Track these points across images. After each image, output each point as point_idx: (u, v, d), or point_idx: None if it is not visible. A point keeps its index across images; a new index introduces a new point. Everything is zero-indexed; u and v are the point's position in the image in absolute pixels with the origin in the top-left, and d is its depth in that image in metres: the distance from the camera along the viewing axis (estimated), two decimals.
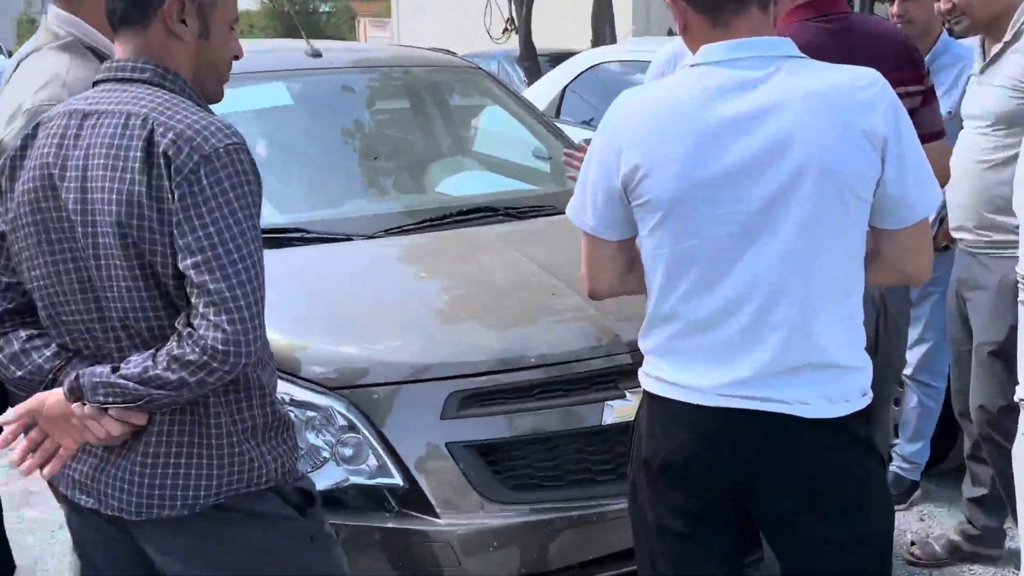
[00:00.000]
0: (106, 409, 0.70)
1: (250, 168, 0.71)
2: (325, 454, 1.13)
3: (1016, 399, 1.08)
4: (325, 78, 1.99)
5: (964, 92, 1.56)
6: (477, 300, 1.37)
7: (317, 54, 1.95)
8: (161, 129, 0.68)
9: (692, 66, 0.82)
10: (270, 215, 1.49)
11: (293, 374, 1.12)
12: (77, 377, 0.70)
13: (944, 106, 1.48)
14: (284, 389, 1.10)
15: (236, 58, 0.83)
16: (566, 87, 3.40)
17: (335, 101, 2.00)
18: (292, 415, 1.05)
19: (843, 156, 0.77)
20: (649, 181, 0.80)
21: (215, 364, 0.66)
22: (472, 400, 1.14)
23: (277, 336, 1.06)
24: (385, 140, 2.06)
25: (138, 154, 0.68)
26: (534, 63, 6.18)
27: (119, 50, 0.77)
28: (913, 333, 1.75)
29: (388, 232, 1.55)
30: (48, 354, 0.75)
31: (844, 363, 0.82)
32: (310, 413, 1.13)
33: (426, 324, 1.28)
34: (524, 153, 2.07)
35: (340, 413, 1.13)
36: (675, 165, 0.79)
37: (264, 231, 0.84)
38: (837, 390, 0.81)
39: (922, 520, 1.90)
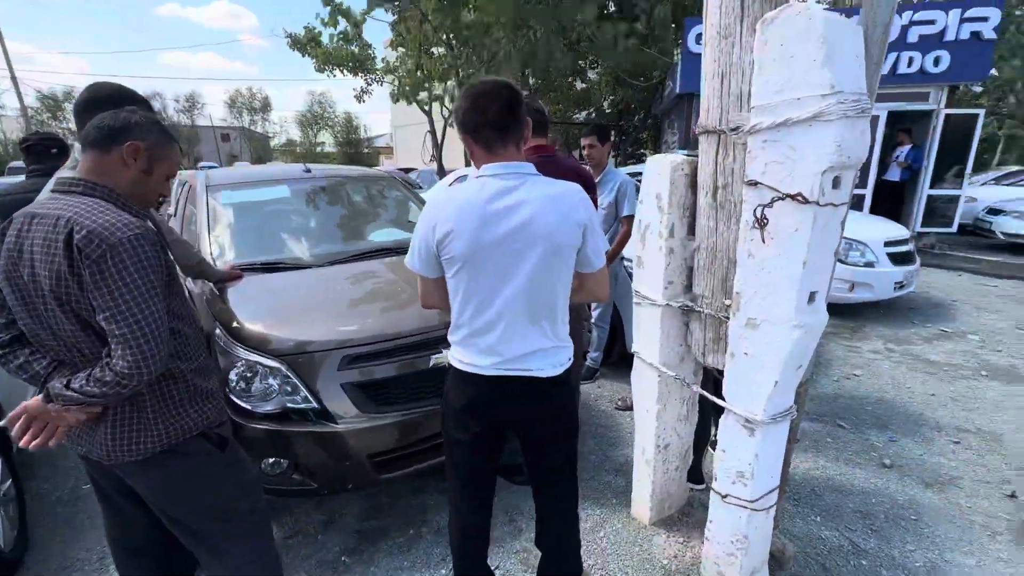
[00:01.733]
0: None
1: (148, 247, 0.95)
2: (274, 392, 1.89)
3: (630, 350, 1.88)
4: (310, 182, 3.27)
5: (618, 194, 3.08)
6: (366, 300, 2.19)
7: (308, 171, 3.30)
8: (77, 227, 0.92)
9: (477, 177, 1.21)
10: (268, 254, 2.59)
11: (259, 348, 1.95)
12: (46, 387, 0.98)
13: (606, 200, 3.08)
14: (254, 357, 1.90)
15: (163, 197, 1.11)
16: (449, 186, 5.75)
17: (314, 194, 3.22)
18: (259, 368, 1.86)
19: (563, 234, 1.18)
20: (452, 244, 1.17)
21: (123, 382, 0.93)
22: (356, 359, 1.94)
23: (259, 327, 1.92)
24: (338, 213, 3.15)
25: (61, 245, 0.92)
26: (443, 175, 8.90)
27: (81, 165, 1.03)
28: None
29: (333, 263, 2.57)
30: (44, 363, 1.02)
31: (559, 344, 1.28)
32: (269, 368, 1.89)
33: (334, 316, 2.07)
34: (413, 220, 3.26)
35: (283, 369, 1.87)
36: (467, 235, 1.15)
37: (265, 264, 2.13)
38: (557, 360, 1.27)
39: (601, 388, 3.58)
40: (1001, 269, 6.90)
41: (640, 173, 6.73)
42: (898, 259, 4.93)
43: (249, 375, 1.92)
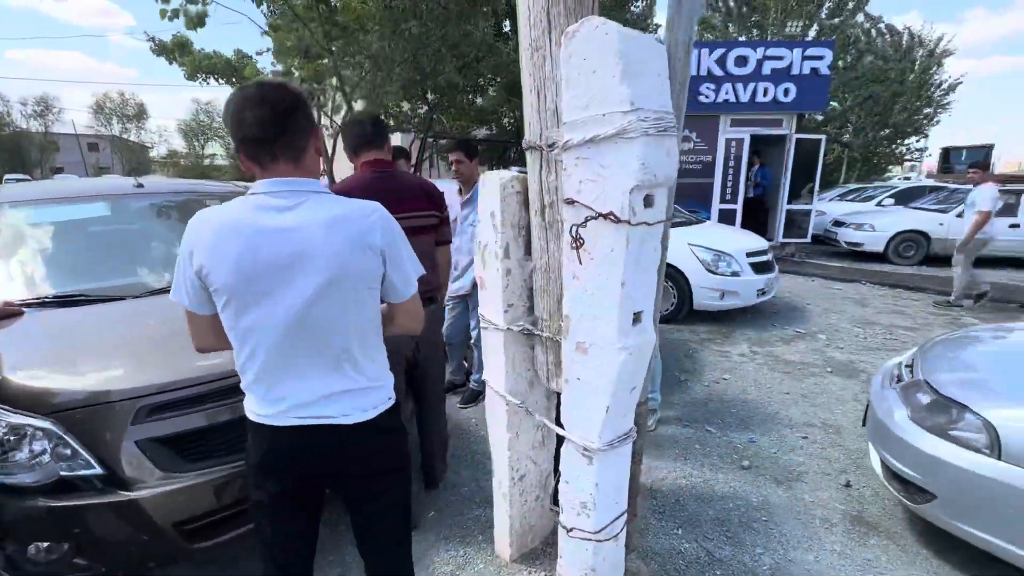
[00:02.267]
0: None
1: None
2: (44, 459, 1.55)
3: (475, 381, 1.75)
4: (140, 199, 2.83)
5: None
6: (172, 338, 1.77)
7: (140, 185, 2.87)
8: None
9: (249, 194, 1.05)
10: (65, 285, 2.16)
11: (24, 406, 1.53)
12: None
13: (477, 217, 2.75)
14: (17, 419, 1.52)
15: None
16: None
17: (142, 213, 2.77)
18: (25, 431, 1.50)
19: (351, 261, 1.02)
20: (214, 274, 1.00)
21: None
22: (156, 409, 1.59)
23: (25, 378, 1.54)
24: (165, 235, 2.74)
25: None
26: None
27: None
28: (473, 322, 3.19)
29: (148, 294, 2.19)
30: None
31: (370, 386, 1.11)
32: (36, 429, 1.55)
33: (129, 360, 1.72)
34: None
35: (56, 430, 1.55)
36: (230, 263, 0.99)
37: (60, 297, 1.79)
38: (366, 403, 1.10)
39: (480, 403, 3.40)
40: (844, 274, 7.87)
41: None
42: (759, 268, 5.39)
43: (10, 440, 1.55)
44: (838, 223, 9.74)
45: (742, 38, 15.04)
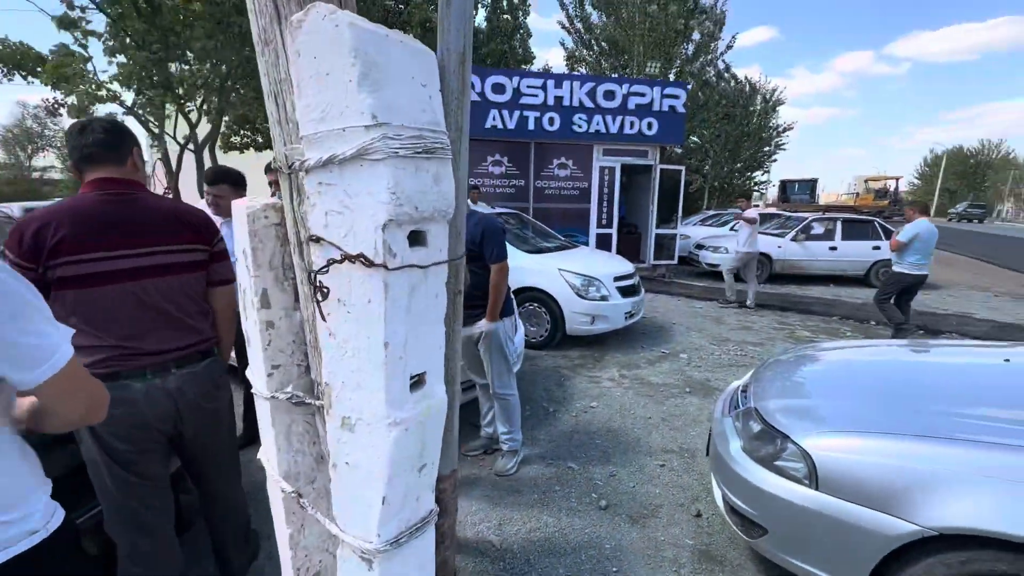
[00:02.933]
0: None
1: None
2: None
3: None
4: None
5: None
6: None
7: None
8: None
9: None
10: None
11: None
12: None
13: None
14: None
15: None
16: None
17: None
18: None
19: None
20: None
21: None
22: None
23: None
24: None
25: None
26: None
27: None
28: None
29: None
30: None
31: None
32: None
33: None
34: None
35: None
36: None
37: None
38: None
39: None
40: (705, 293, 8.52)
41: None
42: (626, 292, 5.53)
43: None
44: (699, 246, 10.64)
45: (615, 75, 16.23)
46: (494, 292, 2.73)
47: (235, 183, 2.67)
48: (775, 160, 22.12)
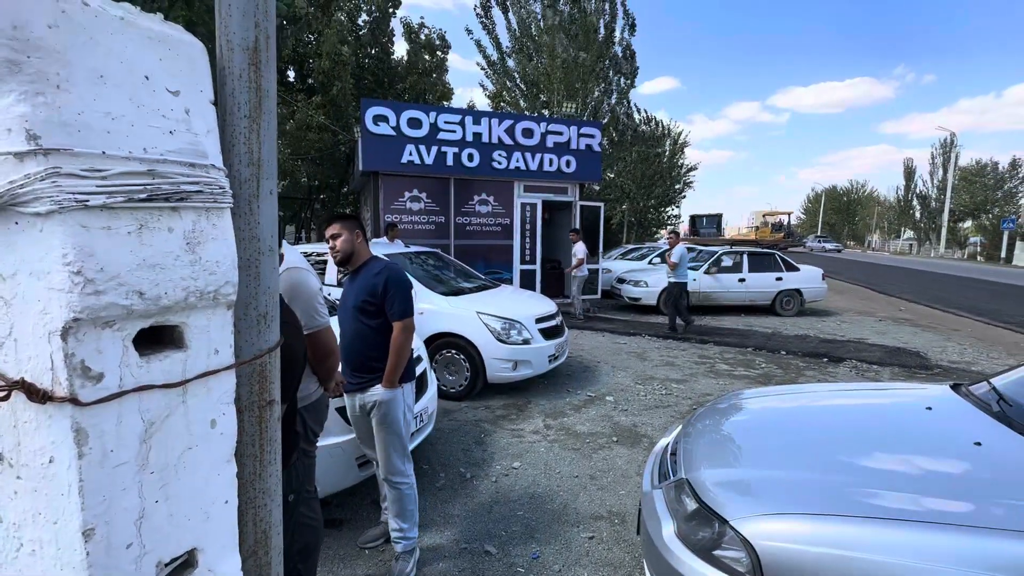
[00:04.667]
0: None
1: None
2: None
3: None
4: None
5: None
6: None
7: None
8: None
9: None
10: None
11: None
12: None
13: None
14: None
15: None
16: None
17: None
18: None
19: None
20: None
21: None
22: None
23: None
24: None
25: None
26: None
27: None
28: None
29: None
30: None
31: None
32: None
33: None
34: None
35: None
36: None
37: None
38: None
39: None
40: (628, 327, 8.52)
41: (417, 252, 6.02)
42: (549, 333, 5.27)
43: None
44: (621, 280, 10.80)
45: (535, 113, 16.66)
46: (395, 354, 2.33)
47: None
48: (684, 196, 23.67)
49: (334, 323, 2.30)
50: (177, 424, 0.68)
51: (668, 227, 26.85)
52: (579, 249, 8.87)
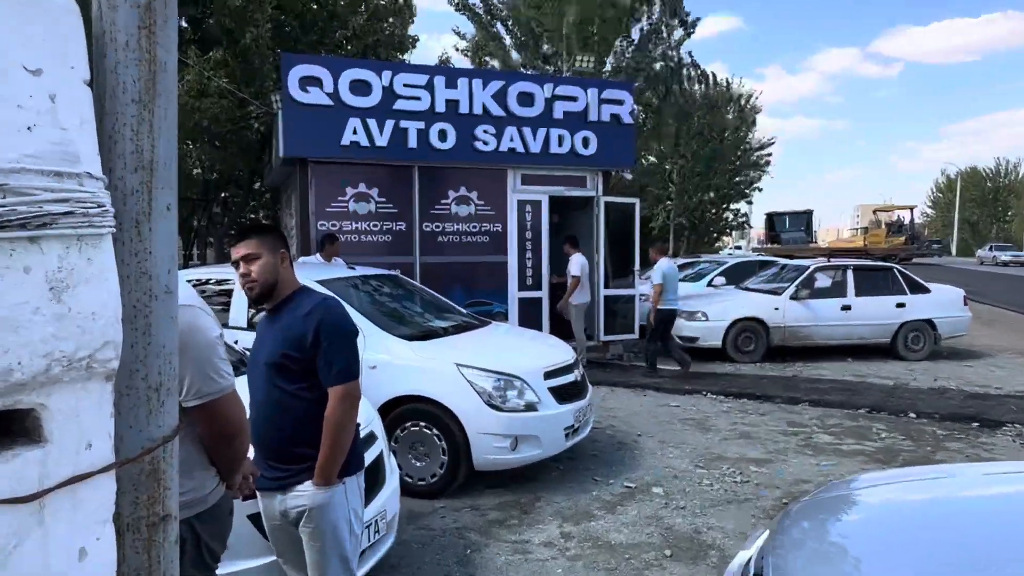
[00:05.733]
0: None
1: None
2: None
3: None
4: None
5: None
6: None
7: None
8: None
9: None
10: None
11: None
12: None
13: None
14: None
15: None
16: None
17: None
18: None
19: None
20: None
21: None
22: None
23: None
24: None
25: None
26: None
27: None
28: None
29: None
30: None
31: None
32: None
33: None
34: None
35: None
36: None
37: None
38: None
39: None
40: (682, 381, 8.54)
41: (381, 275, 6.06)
42: (566, 394, 5.25)
43: None
44: None
45: (530, 70, 17.03)
46: (333, 435, 2.36)
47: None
48: (758, 189, 24.06)
49: (242, 386, 2.27)
50: (29, 558, 0.68)
51: (732, 228, 27.09)
52: (574, 265, 9.12)
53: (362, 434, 2.59)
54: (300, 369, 2.38)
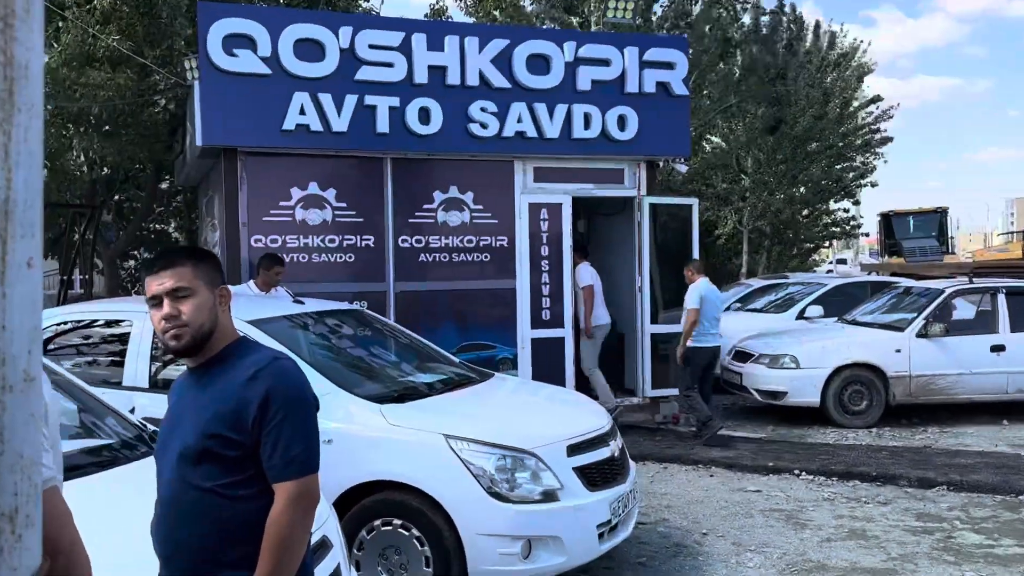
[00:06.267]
0: None
1: None
2: None
3: None
4: None
5: None
6: None
7: None
8: None
9: None
10: None
11: None
12: None
13: None
14: None
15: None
16: None
17: None
18: None
19: None
20: None
21: None
22: None
23: None
24: None
25: None
26: None
27: None
28: None
29: None
30: None
31: None
32: None
33: None
34: None
35: None
36: None
37: None
38: None
39: None
40: (763, 456, 8.50)
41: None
42: (597, 475, 5.28)
43: None
44: (741, 353, 10.85)
45: (547, 24, 17.21)
46: (276, 553, 2.39)
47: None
48: (873, 184, 24.00)
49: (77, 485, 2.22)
50: None
51: (834, 237, 26.99)
52: (585, 273, 9.44)
53: (312, 541, 2.61)
54: (236, 456, 2.39)
